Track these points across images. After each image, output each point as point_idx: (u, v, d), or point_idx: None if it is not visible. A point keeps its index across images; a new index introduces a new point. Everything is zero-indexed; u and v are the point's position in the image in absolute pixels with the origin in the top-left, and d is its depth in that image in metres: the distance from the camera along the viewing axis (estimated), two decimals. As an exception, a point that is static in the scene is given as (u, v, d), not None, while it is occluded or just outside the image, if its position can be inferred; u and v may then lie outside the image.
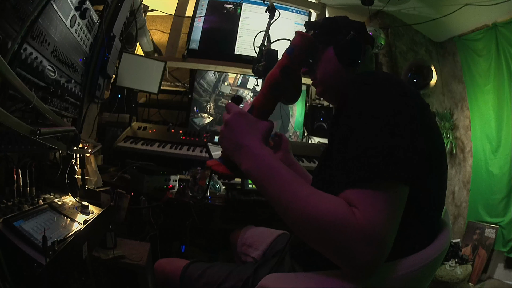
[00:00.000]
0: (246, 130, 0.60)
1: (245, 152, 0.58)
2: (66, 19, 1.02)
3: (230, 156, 0.61)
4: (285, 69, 0.65)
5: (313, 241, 0.51)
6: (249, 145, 0.58)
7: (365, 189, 0.48)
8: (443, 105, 3.11)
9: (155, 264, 0.99)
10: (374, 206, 0.47)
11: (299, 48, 0.65)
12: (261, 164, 0.56)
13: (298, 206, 0.50)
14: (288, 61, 0.65)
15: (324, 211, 0.48)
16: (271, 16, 1.32)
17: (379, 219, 0.46)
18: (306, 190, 0.52)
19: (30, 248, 0.68)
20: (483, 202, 2.64)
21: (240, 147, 0.59)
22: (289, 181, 0.53)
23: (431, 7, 2.59)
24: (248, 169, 0.57)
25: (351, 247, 0.46)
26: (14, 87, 0.72)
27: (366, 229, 0.45)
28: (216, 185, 1.70)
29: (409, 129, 0.54)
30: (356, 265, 0.46)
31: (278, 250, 0.98)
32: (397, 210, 0.49)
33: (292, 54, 0.65)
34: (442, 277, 2.30)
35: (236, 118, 0.61)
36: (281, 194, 0.53)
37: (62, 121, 1.04)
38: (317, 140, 2.37)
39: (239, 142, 0.59)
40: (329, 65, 0.78)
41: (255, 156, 0.57)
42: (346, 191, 0.50)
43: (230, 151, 0.61)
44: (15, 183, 0.88)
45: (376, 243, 0.46)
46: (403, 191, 0.51)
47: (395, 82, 0.61)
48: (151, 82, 1.99)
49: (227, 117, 0.62)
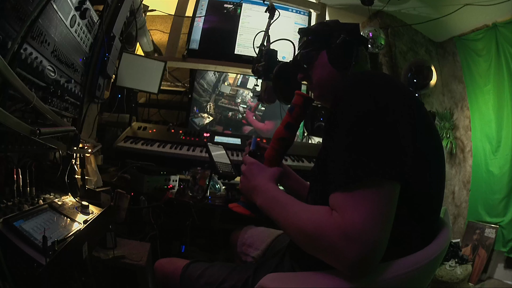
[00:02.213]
0: (257, 175, 0.74)
1: (257, 191, 0.71)
2: (66, 19, 1.02)
3: (249, 198, 0.74)
4: (288, 125, 0.80)
5: (308, 250, 0.56)
6: (259, 185, 0.71)
7: (346, 192, 0.51)
8: (443, 105, 3.11)
9: (155, 264, 0.99)
10: (354, 206, 0.49)
11: (299, 107, 0.79)
12: (267, 196, 0.68)
13: (291, 222, 0.58)
14: (291, 119, 0.80)
15: (306, 222, 0.55)
16: (271, 16, 1.32)
17: (359, 218, 0.48)
18: (296, 208, 0.59)
19: (30, 248, 0.68)
20: (483, 202, 2.64)
21: (253, 188, 0.72)
22: (285, 204, 0.62)
23: (431, 7, 2.60)
24: (260, 203, 0.69)
25: (333, 248, 0.49)
26: (14, 87, 0.72)
27: (345, 229, 0.48)
28: (216, 185, 1.70)
29: (393, 126, 0.54)
30: (346, 264, 0.48)
31: (278, 250, 0.98)
32: (383, 207, 0.49)
33: (293, 112, 0.79)
34: (442, 277, 2.30)
35: (250, 167, 0.76)
36: (280, 216, 0.62)
37: (62, 121, 1.04)
38: (317, 140, 2.38)
39: (253, 184, 0.73)
40: (323, 70, 0.81)
41: (263, 192, 0.69)
42: (331, 197, 0.54)
43: (248, 194, 0.74)
44: (15, 183, 0.88)
45: (358, 241, 0.47)
46: (391, 188, 0.51)
47: (384, 80, 0.62)
48: (151, 82, 1.99)
49: (244, 168, 0.77)
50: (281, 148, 0.81)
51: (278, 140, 0.80)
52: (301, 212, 0.57)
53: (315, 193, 0.73)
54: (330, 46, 0.79)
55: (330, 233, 0.49)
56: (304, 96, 0.79)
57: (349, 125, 0.56)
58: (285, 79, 1.03)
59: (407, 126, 0.55)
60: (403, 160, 0.52)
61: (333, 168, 0.56)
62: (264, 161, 0.80)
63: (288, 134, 0.80)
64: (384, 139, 0.52)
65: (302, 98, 0.79)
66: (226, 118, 2.31)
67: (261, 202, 0.68)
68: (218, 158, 1.29)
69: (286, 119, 0.80)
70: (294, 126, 0.80)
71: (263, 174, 0.73)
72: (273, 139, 0.81)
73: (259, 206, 0.69)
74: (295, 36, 2.47)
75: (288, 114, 0.80)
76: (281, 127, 0.80)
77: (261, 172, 0.74)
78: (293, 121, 0.79)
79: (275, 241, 1.07)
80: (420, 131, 0.59)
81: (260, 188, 0.70)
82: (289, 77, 0.83)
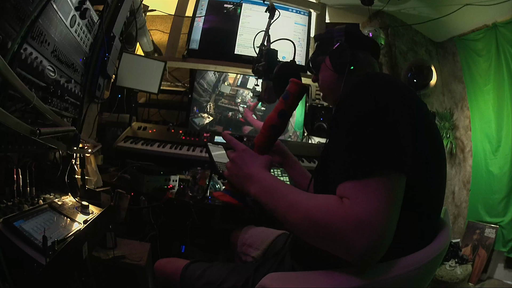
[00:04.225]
0: (250, 162, 0.69)
1: (251, 180, 0.66)
2: (66, 19, 1.02)
3: (240, 189, 0.69)
4: (281, 112, 0.76)
5: (312, 240, 0.54)
6: (253, 173, 0.67)
7: (355, 180, 0.51)
8: (443, 105, 3.11)
9: (155, 264, 0.99)
10: (366, 194, 0.49)
11: (293, 95, 0.76)
12: (264, 185, 0.63)
13: (294, 211, 0.55)
14: (284, 106, 0.76)
15: (313, 209, 0.52)
16: (271, 16, 1.32)
17: (369, 206, 0.48)
18: (300, 197, 0.57)
19: (30, 248, 0.68)
20: (483, 202, 2.64)
21: (246, 177, 0.67)
22: (285, 193, 0.59)
23: (431, 7, 2.60)
24: (255, 193, 0.64)
25: (344, 236, 0.48)
26: (14, 87, 0.72)
27: (354, 216, 0.48)
28: (216, 185, 1.70)
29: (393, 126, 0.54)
30: (353, 253, 0.48)
31: (278, 250, 0.98)
32: (391, 198, 0.50)
33: (287, 99, 0.76)
34: (442, 277, 2.30)
35: (240, 154, 0.71)
36: (280, 205, 0.59)
37: (62, 121, 1.04)
38: (317, 140, 2.37)
39: (245, 172, 0.68)
40: (326, 73, 0.89)
41: (259, 180, 0.65)
42: (339, 187, 0.53)
43: (239, 184, 0.69)
44: (15, 183, 0.88)
45: (367, 229, 0.47)
46: (397, 180, 0.51)
47: (384, 80, 0.63)
48: (151, 82, 1.99)
49: (232, 155, 0.71)
50: (272, 136, 0.77)
51: (270, 127, 0.76)
52: (307, 200, 0.55)
53: (317, 192, 0.74)
54: (329, 51, 0.85)
55: (341, 220, 0.48)
56: (299, 84, 0.77)
57: (349, 125, 0.56)
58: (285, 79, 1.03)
59: (407, 126, 0.55)
60: (403, 159, 0.52)
61: (334, 167, 0.57)
62: (254, 148, 0.76)
63: (280, 122, 0.76)
64: (384, 139, 0.53)
65: (297, 86, 0.76)
66: (226, 118, 2.31)
67: (257, 191, 0.64)
68: (218, 158, 1.29)
69: (280, 106, 0.77)
70: (287, 114, 0.77)
71: (257, 162, 0.69)
72: (265, 126, 0.77)
73: (254, 195, 0.65)
74: (295, 36, 2.48)
75: (282, 101, 0.76)
76: (274, 114, 0.76)
77: (254, 160, 0.70)
78: (287, 108, 0.76)
79: (275, 241, 1.07)
80: (420, 131, 0.59)
81: (254, 176, 0.66)
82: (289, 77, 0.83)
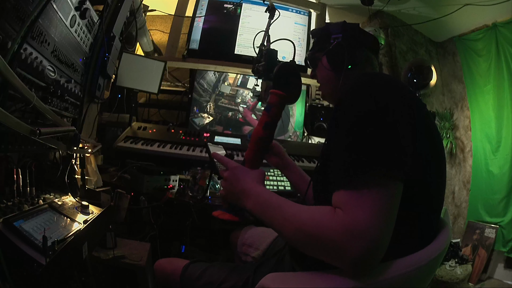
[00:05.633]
0: (243, 178, 0.70)
1: (245, 196, 0.67)
2: (66, 19, 1.02)
3: (236, 204, 0.70)
4: (266, 125, 0.79)
5: (308, 251, 0.55)
6: (247, 188, 0.68)
7: (349, 189, 0.51)
8: (443, 105, 3.11)
9: (155, 264, 0.99)
10: (358, 203, 0.49)
11: (274, 105, 0.78)
12: (259, 200, 0.65)
13: (289, 223, 0.56)
14: (268, 118, 0.79)
15: (307, 221, 0.53)
16: (271, 16, 1.32)
17: (363, 215, 0.48)
18: (293, 209, 0.57)
19: (30, 248, 0.68)
20: (483, 202, 2.64)
21: (241, 193, 0.68)
22: (280, 206, 0.60)
23: (431, 7, 2.60)
24: (251, 208, 0.65)
25: (336, 247, 0.48)
26: (14, 87, 0.72)
27: (346, 226, 0.48)
28: (216, 185, 1.70)
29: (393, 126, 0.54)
30: (348, 262, 0.48)
31: (278, 250, 0.98)
32: (387, 205, 0.49)
33: (269, 111, 0.79)
34: (442, 277, 2.30)
35: (233, 172, 0.72)
36: (276, 218, 0.60)
37: (62, 121, 1.04)
38: (317, 140, 2.37)
39: (239, 189, 0.69)
40: (323, 71, 0.87)
41: (253, 196, 0.66)
42: (334, 196, 0.53)
43: (235, 200, 0.70)
44: (15, 183, 0.88)
45: (359, 238, 0.47)
46: (394, 186, 0.51)
47: (384, 80, 0.62)
48: (151, 82, 1.99)
49: (225, 174, 0.73)
50: (261, 148, 0.80)
51: (257, 141, 0.79)
52: (301, 212, 0.56)
53: (316, 192, 0.74)
54: (326, 49, 0.84)
55: (333, 230, 0.48)
56: (279, 94, 0.79)
57: (349, 125, 0.56)
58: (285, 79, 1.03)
59: (407, 126, 0.55)
60: (403, 160, 0.52)
61: (334, 167, 0.57)
62: (245, 164, 0.78)
63: (267, 134, 0.79)
64: (384, 139, 0.52)
65: (277, 97, 0.79)
66: (226, 118, 2.31)
67: (252, 206, 0.65)
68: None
69: (264, 119, 0.79)
70: (272, 125, 0.80)
71: (249, 177, 0.70)
72: (252, 140, 0.80)
73: (250, 211, 0.66)
74: (295, 36, 2.48)
75: (265, 114, 0.79)
76: (259, 127, 0.79)
77: (247, 176, 0.70)
78: (270, 120, 0.79)
79: (275, 241, 1.07)
80: (420, 131, 0.59)
81: (248, 192, 0.67)
82: (289, 77, 0.83)
